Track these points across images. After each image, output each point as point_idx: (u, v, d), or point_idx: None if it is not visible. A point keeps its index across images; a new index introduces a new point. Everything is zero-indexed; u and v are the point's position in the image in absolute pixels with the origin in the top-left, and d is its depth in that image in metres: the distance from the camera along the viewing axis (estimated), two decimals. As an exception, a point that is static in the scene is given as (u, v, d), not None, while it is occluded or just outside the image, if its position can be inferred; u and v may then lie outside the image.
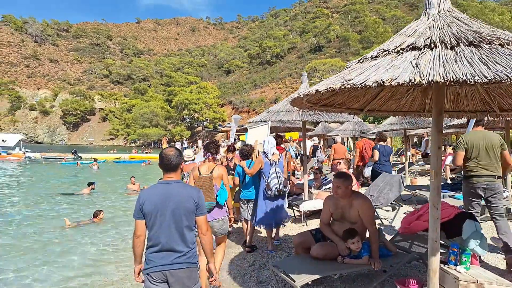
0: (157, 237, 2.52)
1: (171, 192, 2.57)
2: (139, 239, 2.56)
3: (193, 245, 2.63)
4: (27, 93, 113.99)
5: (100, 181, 16.52)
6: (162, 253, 2.51)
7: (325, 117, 6.49)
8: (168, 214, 2.52)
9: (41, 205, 10.89)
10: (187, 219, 2.58)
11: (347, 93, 3.49)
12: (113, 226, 8.21)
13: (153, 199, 2.55)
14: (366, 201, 3.75)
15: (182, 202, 2.56)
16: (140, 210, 2.54)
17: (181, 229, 2.55)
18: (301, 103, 3.44)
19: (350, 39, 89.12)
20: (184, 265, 2.53)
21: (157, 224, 2.52)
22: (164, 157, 2.68)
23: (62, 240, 7.19)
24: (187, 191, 2.63)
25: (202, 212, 2.65)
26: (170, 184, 2.63)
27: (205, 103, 70.38)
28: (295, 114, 6.53)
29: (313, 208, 6.43)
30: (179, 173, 2.76)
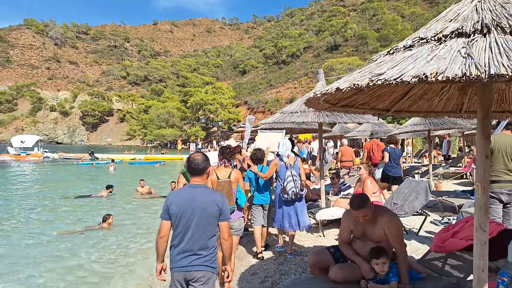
0: (180, 238, 2.64)
1: (196, 196, 2.67)
2: (162, 239, 2.68)
3: (214, 250, 2.71)
4: (47, 94, 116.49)
5: (116, 183, 16.40)
6: (183, 254, 2.62)
7: (344, 118, 5.99)
8: (191, 217, 2.62)
9: (59, 207, 10.75)
10: (210, 224, 2.66)
11: (371, 92, 3.00)
12: (123, 232, 7.91)
13: (179, 201, 2.66)
14: (392, 218, 3.25)
15: (206, 206, 2.64)
16: (167, 211, 2.66)
17: (203, 233, 2.64)
18: (317, 104, 2.96)
19: (367, 37, 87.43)
20: (201, 267, 2.62)
21: (180, 225, 2.64)
22: (191, 162, 2.80)
23: (67, 247, 6.90)
24: (211, 196, 2.71)
25: (225, 217, 2.73)
26: (196, 188, 2.74)
27: (220, 103, 70.23)
28: (311, 115, 6.05)
29: (331, 217, 5.94)
30: (205, 177, 2.84)
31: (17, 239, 7.40)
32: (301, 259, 4.94)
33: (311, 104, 2.98)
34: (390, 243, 3.19)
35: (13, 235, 7.70)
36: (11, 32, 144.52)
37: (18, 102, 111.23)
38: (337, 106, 3.14)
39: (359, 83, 1.84)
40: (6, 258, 6.22)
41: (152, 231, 7.98)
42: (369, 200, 3.25)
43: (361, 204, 3.17)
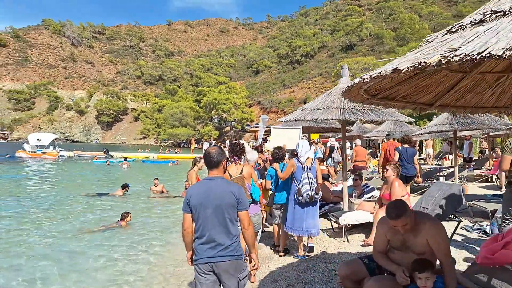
0: (202, 230, 2.69)
1: (214, 188, 2.73)
2: (186, 231, 2.75)
3: (237, 238, 2.75)
4: (64, 93, 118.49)
5: (130, 181, 16.27)
6: (206, 245, 2.67)
7: (371, 116, 5.59)
8: (210, 208, 2.67)
9: (76, 205, 10.60)
10: (229, 213, 2.70)
11: (419, 81, 2.62)
12: (141, 230, 7.73)
13: (198, 194, 2.72)
14: (437, 226, 2.84)
15: (223, 197, 2.69)
16: (188, 204, 2.74)
17: (224, 222, 2.69)
18: (356, 94, 2.59)
19: (384, 37, 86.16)
20: (227, 257, 2.66)
21: (201, 217, 2.69)
22: (206, 155, 2.87)
23: (88, 245, 6.70)
24: (228, 187, 2.76)
25: (243, 207, 2.77)
26: (213, 180, 2.80)
27: (233, 103, 70.05)
28: (335, 112, 5.66)
29: (355, 222, 5.54)
30: (221, 170, 2.90)
31: (38, 238, 7.23)
32: (325, 266, 4.57)
33: (349, 94, 2.61)
34: (434, 254, 2.80)
35: (34, 233, 7.55)
36: (29, 32, 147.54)
37: (36, 101, 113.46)
38: (376, 98, 2.77)
39: (427, 61, 1.46)
40: (29, 261, 5.99)
41: (167, 230, 7.73)
42: (407, 207, 2.85)
43: (399, 213, 2.76)
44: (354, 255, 4.88)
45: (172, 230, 7.74)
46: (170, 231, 7.75)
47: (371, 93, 2.65)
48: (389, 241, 3.05)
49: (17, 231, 7.64)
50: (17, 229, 7.84)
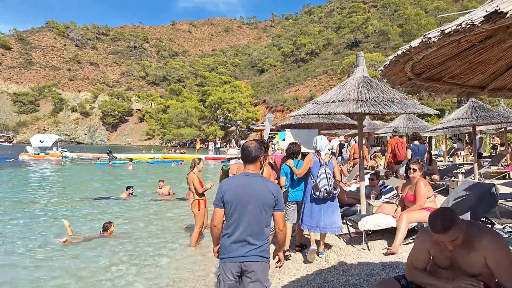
0: (235, 227, 2.58)
1: (252, 185, 2.61)
2: (216, 227, 2.64)
3: (267, 239, 2.65)
4: (68, 95, 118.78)
5: (135, 183, 15.79)
6: (237, 244, 2.56)
7: (392, 108, 5.00)
8: (248, 206, 2.56)
9: (77, 210, 10.07)
10: (266, 213, 2.59)
11: (473, 56, 2.04)
12: (128, 241, 6.94)
13: (235, 188, 2.61)
14: (497, 241, 2.23)
15: (262, 195, 2.58)
16: (221, 199, 2.61)
17: (259, 222, 2.58)
18: (400, 71, 2.02)
19: (389, 33, 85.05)
20: (257, 258, 2.56)
21: (236, 214, 2.57)
22: (244, 149, 2.76)
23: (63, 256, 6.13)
24: (267, 185, 2.65)
25: (280, 207, 2.66)
26: (251, 176, 2.67)
27: (238, 102, 69.43)
28: (351, 105, 5.06)
29: (377, 227, 4.94)
30: (258, 166, 2.78)
31: (16, 246, 6.69)
32: (346, 280, 3.98)
33: (391, 72, 2.04)
34: (493, 275, 2.22)
35: (15, 240, 7.00)
36: (33, 34, 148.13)
37: (40, 103, 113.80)
38: (420, 78, 2.20)
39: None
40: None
41: (164, 239, 7.11)
42: (457, 217, 2.25)
43: (447, 225, 2.16)
44: (377, 266, 4.29)
45: (166, 240, 7.03)
46: (164, 241, 7.13)
47: (416, 71, 2.07)
48: (432, 258, 2.47)
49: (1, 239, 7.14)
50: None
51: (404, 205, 5.32)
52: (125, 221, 8.52)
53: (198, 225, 5.96)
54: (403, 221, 4.79)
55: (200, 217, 5.97)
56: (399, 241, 4.67)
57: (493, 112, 9.23)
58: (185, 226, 7.78)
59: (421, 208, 4.94)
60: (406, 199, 5.16)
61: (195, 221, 6.02)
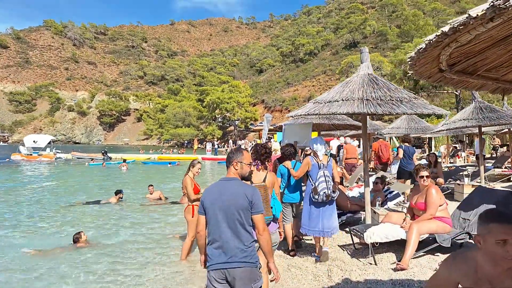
0: (213, 233, 2.54)
1: (226, 189, 2.58)
2: (199, 234, 2.66)
3: (251, 244, 2.54)
4: (66, 94, 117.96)
5: (128, 185, 15.33)
6: (218, 250, 2.50)
7: (401, 108, 4.55)
8: (221, 210, 2.51)
9: (62, 215, 9.57)
10: (240, 216, 2.51)
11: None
12: (109, 252, 6.33)
13: (211, 195, 2.59)
14: None
15: (235, 199, 2.52)
16: (202, 205, 2.60)
17: (235, 226, 2.50)
18: (432, 62, 1.59)
19: (387, 34, 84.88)
20: (241, 264, 2.46)
21: (213, 219, 2.54)
22: (229, 154, 2.79)
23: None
24: (241, 188, 2.58)
25: (257, 210, 2.56)
26: (228, 181, 2.66)
27: (236, 102, 68.98)
28: (356, 104, 4.62)
29: (385, 239, 4.50)
30: (235, 170, 2.71)
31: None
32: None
33: (422, 60, 1.59)
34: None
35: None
36: (30, 33, 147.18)
37: (37, 102, 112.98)
38: (453, 71, 1.75)
39: None
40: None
41: (151, 250, 6.59)
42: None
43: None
44: (386, 284, 3.85)
45: (153, 250, 6.46)
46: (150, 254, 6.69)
47: (450, 61, 1.63)
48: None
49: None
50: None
51: (414, 213, 4.90)
52: (109, 229, 8.00)
53: (191, 233, 5.47)
54: (414, 232, 4.36)
55: (193, 224, 5.50)
56: (410, 255, 4.24)
57: (500, 113, 8.83)
58: (177, 235, 7.22)
59: (433, 217, 4.52)
60: (416, 208, 4.73)
61: (188, 229, 5.52)
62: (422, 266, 4.26)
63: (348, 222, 6.16)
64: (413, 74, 1.82)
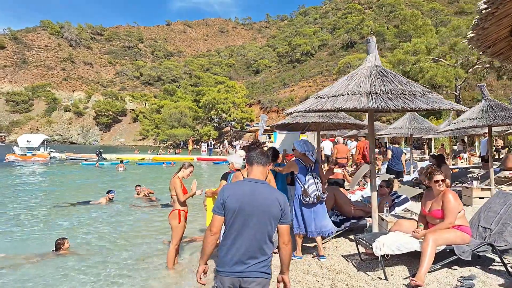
0: (234, 238, 2.33)
1: (258, 193, 2.37)
2: (214, 236, 2.37)
3: (271, 255, 2.42)
4: (62, 95, 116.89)
5: (121, 186, 14.80)
6: (237, 257, 2.31)
7: (416, 103, 4.03)
8: (253, 216, 2.32)
9: (50, 217, 9.01)
10: (271, 226, 2.36)
11: None
12: (89, 259, 5.85)
13: (239, 196, 2.36)
14: None
15: (269, 206, 2.34)
16: (222, 205, 2.36)
17: (263, 235, 2.34)
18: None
19: (385, 34, 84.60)
20: (259, 274, 2.32)
21: (237, 224, 2.33)
22: (254, 153, 2.57)
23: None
24: (274, 195, 2.41)
25: (286, 220, 2.41)
26: (257, 183, 2.44)
27: (232, 102, 68.43)
28: (364, 99, 4.10)
29: (396, 251, 3.98)
30: (265, 173, 2.58)
31: None
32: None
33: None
34: None
35: None
36: (27, 34, 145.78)
37: (34, 102, 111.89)
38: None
39: None
40: None
41: (136, 256, 6.07)
42: None
43: None
44: (401, 305, 3.33)
45: (138, 257, 5.97)
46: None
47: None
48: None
49: None
50: None
51: (427, 222, 4.39)
52: (93, 233, 7.48)
53: (175, 241, 4.97)
54: (430, 244, 3.84)
55: (179, 231, 4.97)
56: (425, 270, 3.72)
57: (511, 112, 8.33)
58: (167, 240, 6.71)
59: (451, 227, 4.01)
60: (431, 216, 4.22)
61: (172, 236, 5.00)
62: (439, 282, 3.75)
63: (351, 229, 5.65)
64: (474, 43, 1.30)
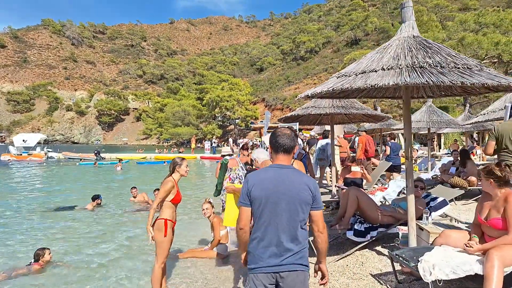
0: (265, 230, 2.17)
1: (285, 178, 2.20)
2: (243, 229, 2.25)
3: (306, 244, 2.23)
4: (64, 94, 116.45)
5: (115, 187, 13.93)
6: (270, 250, 2.15)
7: (476, 77, 3.05)
8: (281, 203, 2.16)
9: (28, 224, 8.12)
10: (303, 212, 2.18)
11: None
12: (61, 277, 4.90)
13: (265, 183, 2.20)
14: None
15: (298, 191, 2.17)
16: (247, 195, 2.21)
17: (295, 223, 2.16)
18: None
19: (390, 30, 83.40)
20: (297, 266, 2.14)
21: (266, 213, 2.17)
22: (276, 137, 2.32)
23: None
24: (302, 179, 2.23)
25: (319, 205, 2.24)
26: (283, 168, 2.26)
27: (236, 100, 67.53)
28: (406, 73, 3.13)
29: (452, 275, 3.00)
30: (291, 158, 2.36)
31: None
32: None
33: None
34: None
35: None
36: (28, 33, 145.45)
37: (35, 102, 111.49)
38: None
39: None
40: None
41: (117, 273, 5.12)
42: None
43: None
44: None
45: (120, 275, 5.04)
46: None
47: None
48: None
49: None
50: None
51: (482, 232, 3.42)
52: (73, 244, 6.50)
53: (161, 259, 3.94)
54: (495, 264, 2.87)
55: (165, 245, 3.96)
56: (493, 301, 2.76)
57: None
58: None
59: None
60: (489, 225, 3.24)
61: (156, 252, 3.98)
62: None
63: (379, 240, 4.69)
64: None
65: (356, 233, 4.52)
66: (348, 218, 4.68)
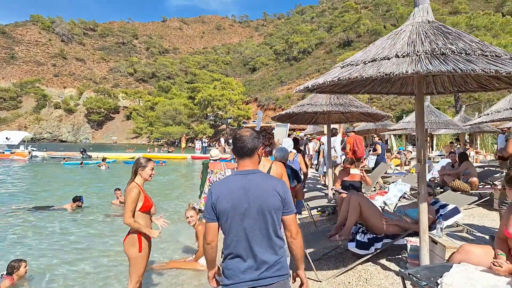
0: (237, 244, 2.03)
1: (251, 185, 2.05)
2: (210, 245, 2.10)
3: (284, 252, 2.12)
4: (53, 91, 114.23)
5: (99, 187, 13.30)
6: (245, 265, 2.01)
7: (498, 65, 2.58)
8: (250, 213, 2.02)
9: None
10: (273, 218, 2.04)
11: None
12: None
13: (229, 194, 2.05)
14: None
15: (265, 197, 2.03)
16: (213, 209, 2.06)
17: (268, 232, 2.04)
18: None
19: (382, 32, 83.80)
20: (274, 279, 2.02)
21: (235, 227, 2.03)
22: (237, 140, 2.19)
23: None
24: (269, 183, 2.09)
25: (290, 209, 2.09)
26: (248, 175, 2.11)
27: (229, 99, 66.91)
28: (425, 61, 2.64)
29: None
30: (256, 161, 2.19)
31: None
32: None
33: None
34: None
35: None
36: (16, 28, 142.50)
37: (23, 99, 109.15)
38: None
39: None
40: None
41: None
42: None
43: None
44: None
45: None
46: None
47: None
48: None
49: None
50: None
51: (509, 248, 2.95)
52: (47, 252, 5.94)
53: (135, 277, 3.36)
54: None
55: (139, 263, 3.40)
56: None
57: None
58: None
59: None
60: (519, 240, 2.78)
61: (130, 271, 3.41)
62: None
63: (381, 251, 4.20)
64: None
65: (358, 245, 4.03)
66: (350, 228, 4.18)
